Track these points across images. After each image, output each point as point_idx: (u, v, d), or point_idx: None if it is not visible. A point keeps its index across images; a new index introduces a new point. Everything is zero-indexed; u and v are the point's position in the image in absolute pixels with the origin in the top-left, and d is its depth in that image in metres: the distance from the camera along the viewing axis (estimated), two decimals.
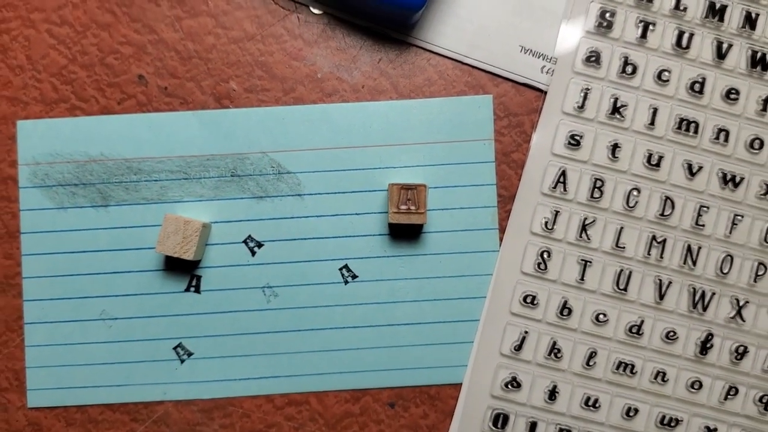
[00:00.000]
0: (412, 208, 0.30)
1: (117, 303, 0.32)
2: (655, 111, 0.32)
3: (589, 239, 0.32)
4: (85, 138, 0.32)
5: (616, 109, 0.32)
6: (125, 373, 0.32)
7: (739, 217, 0.32)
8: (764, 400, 0.32)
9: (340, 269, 0.32)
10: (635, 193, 0.32)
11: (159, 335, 0.32)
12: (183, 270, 0.32)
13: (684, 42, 0.32)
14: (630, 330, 0.32)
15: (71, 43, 0.32)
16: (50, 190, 0.32)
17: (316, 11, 0.32)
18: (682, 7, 0.32)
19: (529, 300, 0.32)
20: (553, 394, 0.32)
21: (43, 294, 0.32)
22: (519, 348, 0.32)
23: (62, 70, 0.32)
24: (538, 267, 0.32)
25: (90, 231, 0.32)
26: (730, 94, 0.32)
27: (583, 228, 0.32)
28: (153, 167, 0.32)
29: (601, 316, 0.32)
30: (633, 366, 0.32)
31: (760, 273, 0.32)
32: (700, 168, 0.32)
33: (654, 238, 0.32)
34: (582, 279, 0.32)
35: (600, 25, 0.32)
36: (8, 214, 0.32)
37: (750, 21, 0.32)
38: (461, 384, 0.32)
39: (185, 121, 0.32)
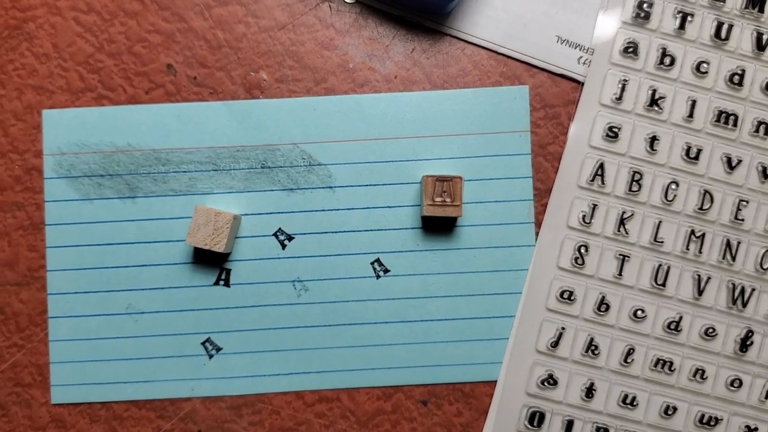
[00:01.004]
0: (448, 200, 0.30)
1: (144, 297, 0.31)
2: (693, 103, 0.31)
3: (627, 233, 0.31)
4: (112, 128, 0.31)
5: (654, 101, 0.31)
6: (152, 368, 0.31)
7: None
8: None
9: (372, 263, 0.31)
10: (673, 186, 0.31)
11: (187, 330, 0.31)
12: (212, 263, 0.31)
13: (723, 33, 0.32)
14: (668, 326, 0.31)
15: (98, 31, 0.32)
16: (76, 180, 0.31)
17: (348, 0, 0.32)
18: None
19: (565, 295, 0.31)
20: (590, 392, 0.31)
21: (67, 287, 0.31)
22: (555, 345, 0.31)
23: (89, 58, 0.32)
24: (575, 262, 0.31)
25: (116, 223, 0.31)
26: None
27: (621, 222, 0.31)
28: (182, 158, 0.31)
29: (639, 312, 0.31)
30: (671, 363, 0.31)
31: None
32: (740, 161, 0.31)
33: (693, 232, 0.31)
34: (620, 274, 0.31)
35: (637, 15, 0.32)
36: (33, 206, 0.31)
37: None
38: (496, 381, 0.31)
39: (215, 111, 0.31)
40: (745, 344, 0.31)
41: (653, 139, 0.31)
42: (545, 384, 0.31)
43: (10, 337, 0.31)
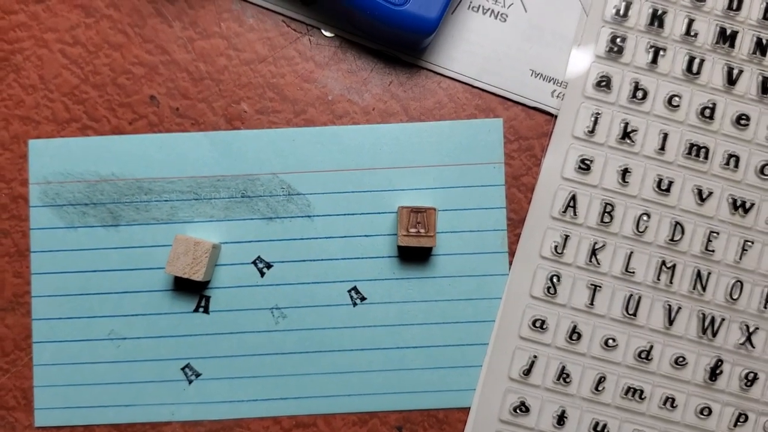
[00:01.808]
0: (422, 231, 0.30)
1: (126, 323, 0.32)
2: (665, 136, 0.32)
3: (599, 264, 0.32)
4: (96, 158, 0.32)
5: (626, 134, 0.32)
6: (133, 393, 0.32)
7: (750, 243, 0.32)
8: None
9: (349, 291, 0.32)
10: (645, 218, 0.32)
11: (167, 355, 0.32)
12: (192, 290, 0.32)
13: (695, 67, 0.32)
14: (639, 355, 0.32)
15: (83, 63, 0.32)
16: (61, 209, 0.32)
17: (327, 34, 0.33)
18: (692, 33, 0.32)
19: (538, 324, 0.32)
20: (561, 419, 0.32)
21: (52, 313, 0.32)
22: (528, 372, 0.32)
23: (74, 89, 0.32)
24: (548, 291, 0.32)
25: (100, 250, 0.32)
26: (741, 120, 0.32)
27: (593, 252, 0.32)
28: (163, 187, 0.32)
29: (610, 341, 0.32)
30: (642, 391, 0.32)
31: None
32: (710, 193, 0.32)
33: (664, 263, 0.32)
34: (591, 304, 0.32)
35: (611, 50, 0.32)
36: (18, 233, 0.32)
37: (761, 47, 0.32)
38: (469, 408, 0.32)
39: (196, 141, 0.32)
40: (714, 373, 0.32)
41: (625, 171, 0.32)
42: (518, 411, 0.32)
43: None
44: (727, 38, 0.32)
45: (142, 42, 0.32)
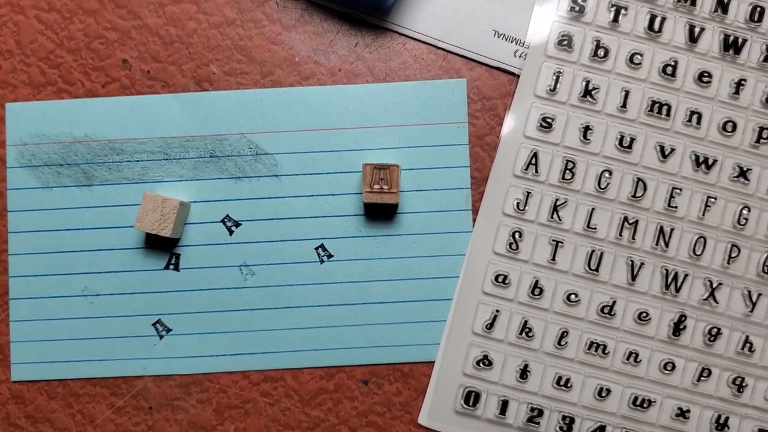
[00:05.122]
0: (385, 187, 0.31)
1: (99, 279, 0.33)
2: (627, 94, 0.32)
3: (560, 220, 0.32)
4: (71, 120, 0.33)
5: (587, 92, 0.32)
6: (106, 348, 0.33)
7: (713, 200, 0.32)
8: (737, 382, 0.32)
9: (316, 248, 0.33)
10: (607, 174, 0.32)
11: (139, 311, 0.33)
12: (162, 248, 0.33)
13: (656, 26, 0.32)
14: (602, 310, 0.32)
15: (59, 28, 0.33)
16: (36, 170, 0.33)
17: None
18: None
19: (500, 279, 0.32)
20: (524, 373, 0.32)
21: (28, 270, 0.33)
22: (490, 326, 0.32)
23: (50, 54, 0.33)
24: (510, 247, 0.32)
25: (74, 210, 0.33)
26: (703, 77, 0.32)
27: (555, 209, 0.32)
28: (135, 148, 0.33)
29: (572, 297, 0.32)
30: (605, 346, 0.32)
31: (733, 255, 0.32)
32: (673, 150, 0.32)
33: (626, 219, 0.32)
34: (553, 259, 0.32)
35: (572, 9, 0.33)
36: None
37: (722, 5, 0.32)
38: (434, 362, 0.32)
39: (166, 103, 0.33)
40: (678, 329, 0.32)
41: (587, 129, 0.32)
42: (481, 364, 0.32)
43: None
44: None
45: (115, 7, 0.33)
